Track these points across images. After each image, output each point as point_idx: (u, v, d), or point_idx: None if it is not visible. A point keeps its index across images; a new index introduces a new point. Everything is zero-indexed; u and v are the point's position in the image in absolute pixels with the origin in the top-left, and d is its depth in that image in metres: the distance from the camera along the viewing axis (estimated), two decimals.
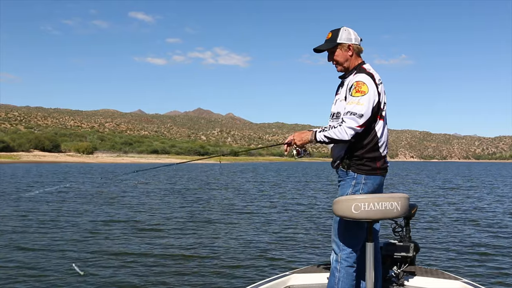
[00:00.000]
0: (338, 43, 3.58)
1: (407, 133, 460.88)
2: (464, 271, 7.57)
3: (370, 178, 3.49)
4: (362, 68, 3.53)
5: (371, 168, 3.48)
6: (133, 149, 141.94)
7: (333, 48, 3.60)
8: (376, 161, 3.49)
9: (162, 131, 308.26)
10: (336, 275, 3.53)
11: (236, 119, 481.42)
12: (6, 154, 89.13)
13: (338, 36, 3.58)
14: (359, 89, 3.37)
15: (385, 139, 3.55)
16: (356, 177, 3.48)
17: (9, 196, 18.83)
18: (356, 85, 3.40)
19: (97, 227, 11.53)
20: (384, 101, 3.53)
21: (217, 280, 7.07)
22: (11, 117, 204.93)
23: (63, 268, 7.49)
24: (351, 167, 3.49)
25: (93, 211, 14.63)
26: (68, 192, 21.26)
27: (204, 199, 19.14)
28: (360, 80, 3.41)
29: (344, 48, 3.57)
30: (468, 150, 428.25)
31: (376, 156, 3.49)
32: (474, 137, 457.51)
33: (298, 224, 12.65)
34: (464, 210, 16.34)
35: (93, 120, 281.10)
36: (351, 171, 3.50)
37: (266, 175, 46.82)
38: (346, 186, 3.53)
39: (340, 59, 3.59)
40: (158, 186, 26.77)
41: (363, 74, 3.46)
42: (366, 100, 3.36)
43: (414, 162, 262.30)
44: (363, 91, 3.37)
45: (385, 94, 3.57)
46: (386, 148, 3.58)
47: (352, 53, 3.58)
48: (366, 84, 3.39)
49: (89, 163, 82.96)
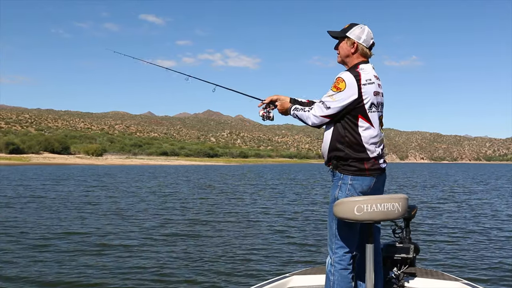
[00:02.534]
0: (347, 36, 3.59)
1: (418, 135, 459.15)
2: (464, 272, 7.56)
3: (358, 179, 3.45)
4: (354, 67, 3.53)
5: (357, 169, 3.44)
6: (143, 151, 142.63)
7: (340, 39, 3.63)
8: (364, 162, 3.45)
9: (171, 133, 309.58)
10: (331, 279, 3.51)
11: (245, 120, 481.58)
12: (16, 156, 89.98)
13: (350, 30, 3.59)
14: (337, 85, 3.41)
15: (372, 140, 3.48)
16: (343, 178, 3.47)
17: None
18: (336, 81, 3.43)
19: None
20: (373, 102, 3.46)
21: (218, 282, 7.05)
22: (22, 119, 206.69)
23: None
24: (338, 167, 3.49)
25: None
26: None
27: (203, 201, 19.16)
28: (341, 77, 3.43)
29: (349, 42, 3.57)
30: (479, 151, 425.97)
31: (362, 157, 3.44)
32: (485, 138, 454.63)
33: (298, 225, 12.65)
34: (465, 211, 16.32)
35: (103, 122, 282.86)
36: (337, 172, 3.50)
37: (269, 176, 46.79)
38: (334, 187, 3.54)
39: (341, 51, 3.62)
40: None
41: (348, 72, 3.46)
42: (338, 97, 3.39)
43: (424, 164, 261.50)
44: (339, 88, 3.39)
45: (381, 95, 3.54)
46: (379, 149, 3.52)
47: (355, 51, 3.57)
48: (344, 82, 3.40)
49: (98, 165, 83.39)
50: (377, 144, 3.53)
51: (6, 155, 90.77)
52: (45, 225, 11.87)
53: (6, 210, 14.86)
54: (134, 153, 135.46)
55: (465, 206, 18.23)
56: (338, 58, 3.69)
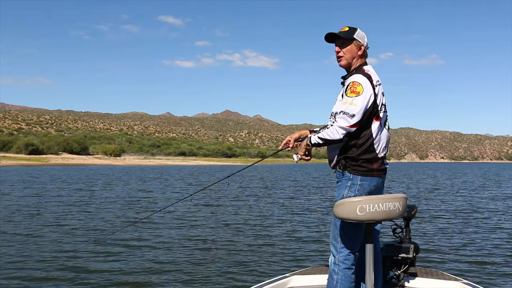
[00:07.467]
0: (355, 38, 3.58)
1: (437, 134, 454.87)
2: (464, 272, 7.53)
3: (366, 179, 3.47)
4: (361, 69, 3.54)
5: (367, 169, 3.46)
6: (161, 151, 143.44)
7: (348, 41, 3.59)
8: (373, 163, 3.47)
9: (190, 133, 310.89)
10: (334, 278, 3.53)
11: (264, 120, 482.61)
12: (35, 157, 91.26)
13: (355, 33, 3.60)
14: (354, 90, 3.39)
15: (382, 140, 3.53)
16: (352, 178, 3.47)
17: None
18: (352, 86, 3.41)
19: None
20: (382, 103, 3.52)
21: (218, 282, 7.06)
22: (42, 120, 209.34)
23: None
24: (347, 168, 3.48)
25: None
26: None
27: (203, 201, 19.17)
28: (356, 81, 3.42)
29: (357, 45, 3.59)
30: (501, 150, 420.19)
31: (372, 157, 3.47)
32: (507, 137, 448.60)
33: (299, 225, 12.66)
34: (465, 211, 16.23)
35: (122, 123, 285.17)
36: (347, 172, 3.49)
37: (270, 176, 46.76)
38: (342, 187, 3.53)
39: (348, 54, 3.59)
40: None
41: (360, 75, 3.46)
42: (359, 101, 3.36)
43: (444, 163, 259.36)
44: (358, 91, 3.38)
45: (384, 95, 3.56)
46: (385, 149, 3.56)
47: (362, 53, 3.60)
48: (361, 85, 3.40)
49: (116, 166, 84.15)
50: (386, 144, 3.58)
51: (25, 156, 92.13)
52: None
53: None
54: (152, 153, 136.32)
55: (466, 206, 18.09)
56: (342, 60, 3.63)
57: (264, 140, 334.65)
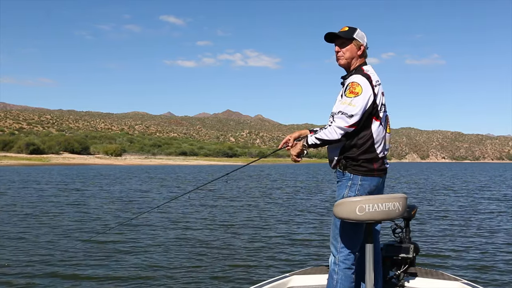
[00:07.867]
0: (354, 38, 3.59)
1: (439, 134, 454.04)
2: (464, 272, 7.53)
3: (367, 179, 3.48)
4: (360, 69, 3.55)
5: (367, 169, 3.47)
6: (162, 151, 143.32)
7: (348, 41, 3.59)
8: (373, 162, 3.48)
9: (191, 133, 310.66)
10: (335, 278, 3.54)
11: (265, 120, 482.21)
12: (36, 157, 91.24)
13: (355, 33, 3.61)
14: (353, 90, 3.39)
15: (382, 141, 3.54)
16: (352, 178, 3.48)
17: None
18: (351, 86, 3.42)
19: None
20: (382, 103, 3.52)
21: (218, 281, 7.06)
22: (44, 120, 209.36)
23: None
24: (347, 168, 3.49)
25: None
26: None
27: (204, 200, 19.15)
28: (355, 81, 3.43)
29: (356, 45, 3.59)
30: (502, 150, 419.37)
31: (372, 157, 3.48)
32: (508, 137, 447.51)
33: (299, 225, 12.66)
34: (465, 211, 16.24)
35: (123, 123, 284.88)
36: (347, 172, 3.50)
37: (270, 175, 46.64)
38: (342, 187, 3.53)
39: (348, 54, 3.60)
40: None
41: (359, 75, 3.47)
42: (358, 102, 3.37)
43: (445, 163, 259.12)
44: (357, 92, 3.38)
45: (384, 95, 3.57)
46: (385, 149, 3.57)
47: (362, 53, 3.61)
48: (360, 85, 3.40)
49: (117, 165, 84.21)
50: (386, 144, 3.59)
51: (26, 156, 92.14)
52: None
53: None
54: (153, 153, 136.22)
55: (466, 206, 18.09)
56: (342, 60, 3.64)
57: (265, 140, 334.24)
